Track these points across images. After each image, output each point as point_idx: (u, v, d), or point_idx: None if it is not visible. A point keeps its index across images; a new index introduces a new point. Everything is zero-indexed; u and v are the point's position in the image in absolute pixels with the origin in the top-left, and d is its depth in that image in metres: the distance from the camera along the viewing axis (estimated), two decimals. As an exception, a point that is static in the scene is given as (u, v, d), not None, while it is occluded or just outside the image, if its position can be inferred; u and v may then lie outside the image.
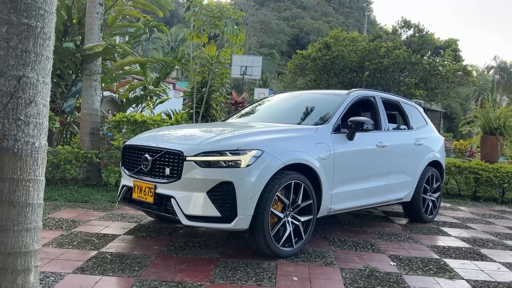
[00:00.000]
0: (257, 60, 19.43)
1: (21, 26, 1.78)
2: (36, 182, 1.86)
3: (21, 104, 1.78)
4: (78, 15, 6.94)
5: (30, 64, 1.79)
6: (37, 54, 1.81)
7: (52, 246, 3.68)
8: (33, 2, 1.78)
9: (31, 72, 1.80)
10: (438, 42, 17.81)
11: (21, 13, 1.77)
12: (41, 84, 1.84)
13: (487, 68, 34.82)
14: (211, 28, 8.72)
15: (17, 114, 1.78)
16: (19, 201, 1.80)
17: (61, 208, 5.10)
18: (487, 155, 9.39)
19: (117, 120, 6.42)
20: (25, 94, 1.79)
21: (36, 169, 1.85)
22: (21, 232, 1.81)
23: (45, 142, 1.92)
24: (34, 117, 1.82)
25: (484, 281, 3.49)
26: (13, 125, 1.77)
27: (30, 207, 1.83)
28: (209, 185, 3.42)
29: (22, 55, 1.78)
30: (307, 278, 3.30)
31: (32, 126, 1.81)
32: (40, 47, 1.82)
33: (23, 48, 1.78)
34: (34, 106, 1.81)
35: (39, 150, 1.86)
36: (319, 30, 72.08)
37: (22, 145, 1.80)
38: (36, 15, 1.80)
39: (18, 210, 1.80)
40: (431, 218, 5.72)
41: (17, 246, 1.81)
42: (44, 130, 1.89)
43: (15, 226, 1.79)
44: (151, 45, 41.01)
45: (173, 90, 23.78)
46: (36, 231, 1.87)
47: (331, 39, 17.70)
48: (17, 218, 1.80)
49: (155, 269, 3.29)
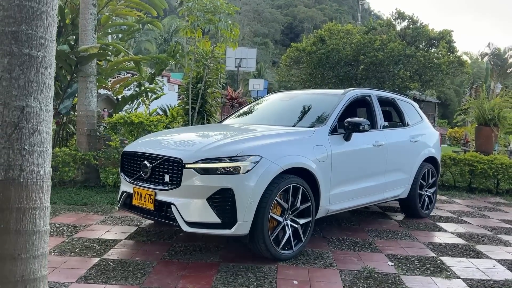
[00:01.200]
0: (251, 52, 19.37)
1: (23, 57, 1.79)
2: (42, 209, 1.89)
3: (25, 134, 1.81)
4: (71, 16, 6.89)
5: (32, 93, 1.81)
6: (39, 83, 1.83)
7: (55, 254, 3.71)
8: (33, 32, 1.79)
9: (34, 101, 1.81)
10: (432, 34, 17.81)
11: (22, 43, 1.78)
12: (44, 112, 1.86)
13: (481, 55, 34.86)
14: (205, 24, 8.70)
15: (21, 144, 1.80)
16: (26, 230, 1.83)
17: (61, 212, 5.13)
18: (481, 146, 9.48)
19: (114, 122, 6.42)
20: (29, 124, 1.81)
21: (41, 196, 1.88)
22: (29, 260, 1.84)
23: (50, 169, 1.94)
24: (38, 145, 1.84)
25: (480, 280, 3.57)
26: (18, 155, 1.79)
27: (37, 235, 1.86)
28: (209, 192, 3.46)
29: (25, 85, 1.80)
30: (307, 281, 3.36)
31: (36, 154, 1.84)
32: (42, 76, 1.83)
33: (26, 78, 1.79)
34: (38, 135, 1.83)
35: (44, 177, 1.89)
36: (313, 18, 71.77)
37: (28, 174, 1.82)
38: (37, 44, 1.81)
39: (26, 238, 1.83)
40: (427, 213, 5.80)
41: (26, 274, 1.84)
42: (48, 157, 1.91)
43: (23, 254, 1.83)
44: (144, 37, 40.71)
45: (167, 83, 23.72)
46: (43, 257, 1.90)
47: (325, 32, 17.66)
48: (25, 246, 1.83)
49: (158, 276, 3.34)
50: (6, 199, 1.79)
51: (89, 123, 6.41)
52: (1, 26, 1.76)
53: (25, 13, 1.79)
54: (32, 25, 1.79)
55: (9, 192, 1.80)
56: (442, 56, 15.87)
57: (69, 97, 7.14)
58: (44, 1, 1.81)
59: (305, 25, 71.66)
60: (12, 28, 1.77)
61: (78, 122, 6.48)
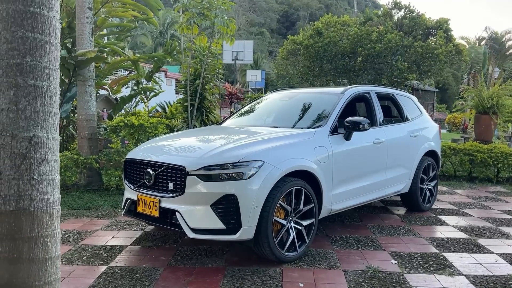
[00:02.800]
0: (248, 44, 19.31)
1: (28, 88, 1.81)
2: (53, 236, 1.92)
3: (33, 164, 1.83)
4: (68, 19, 6.86)
5: (39, 123, 1.83)
6: (45, 112, 1.85)
7: (63, 263, 3.75)
8: (38, 63, 1.80)
9: (40, 131, 1.84)
10: (429, 23, 17.74)
11: (27, 75, 1.79)
12: (51, 141, 1.88)
13: (479, 39, 34.74)
14: (201, 20, 8.66)
15: (30, 174, 1.82)
16: (38, 258, 1.87)
17: (66, 218, 5.17)
18: (481, 134, 9.51)
19: (114, 125, 6.44)
20: (37, 154, 1.83)
21: (52, 223, 1.91)
22: (42, 286, 1.88)
23: (59, 195, 1.97)
24: (46, 174, 1.87)
25: (482, 276, 3.62)
26: (28, 185, 1.82)
27: (49, 261, 1.90)
28: (213, 198, 3.50)
29: (31, 116, 1.82)
30: (312, 283, 3.41)
31: (45, 183, 1.87)
32: (48, 105, 1.85)
33: (32, 109, 1.81)
34: (46, 163, 1.86)
35: (53, 205, 1.92)
36: (308, 5, 71.28)
37: (38, 203, 1.85)
38: (42, 75, 1.83)
39: (38, 266, 1.87)
40: (428, 206, 5.85)
41: (39, 300, 1.88)
42: (57, 185, 1.94)
43: (36, 281, 1.86)
44: (139, 31, 40.48)
45: (165, 78, 23.65)
46: (56, 283, 1.94)
47: (322, 24, 17.58)
48: (38, 273, 1.87)
49: (165, 282, 3.39)
50: (18, 228, 1.82)
51: (90, 126, 6.42)
52: (6, 58, 1.78)
53: (29, 44, 1.81)
54: (36, 56, 1.81)
55: (20, 222, 1.83)
56: (440, 46, 15.84)
57: (68, 101, 7.14)
58: (46, 31, 1.82)
59: (300, 13, 71.23)
60: (16, 60, 1.79)
61: (78, 126, 6.49)
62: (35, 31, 1.81)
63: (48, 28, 1.84)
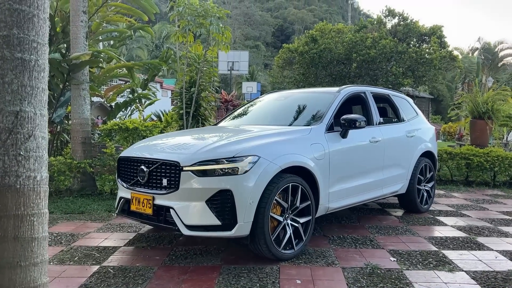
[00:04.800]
0: (243, 54, 19.38)
1: (15, 61, 1.76)
2: (40, 215, 1.86)
3: (20, 140, 1.77)
4: (62, 24, 6.85)
5: (26, 98, 1.77)
6: (32, 87, 1.79)
7: (54, 264, 3.66)
8: (25, 36, 1.76)
9: (28, 106, 1.78)
10: (423, 30, 17.91)
11: (14, 47, 1.75)
12: (39, 117, 1.82)
13: (472, 50, 35.04)
14: (197, 28, 8.67)
15: (16, 149, 1.76)
16: (24, 237, 1.80)
17: (58, 222, 5.08)
18: (477, 139, 9.50)
19: (108, 128, 6.38)
20: (24, 129, 1.78)
21: (39, 202, 1.84)
22: (28, 267, 1.80)
23: (46, 174, 1.91)
24: (34, 151, 1.81)
25: (483, 272, 3.56)
26: (14, 161, 1.76)
27: (35, 242, 1.83)
28: (208, 194, 3.43)
29: (18, 90, 1.76)
30: (310, 280, 3.33)
31: (32, 160, 1.80)
32: (36, 80, 1.80)
33: (19, 82, 1.76)
34: (33, 140, 1.80)
35: (40, 183, 1.86)
36: (303, 19, 71.98)
37: (24, 180, 1.79)
38: (30, 48, 1.78)
39: (24, 246, 1.80)
40: (426, 208, 5.80)
41: (26, 282, 1.80)
42: (45, 163, 1.88)
43: (22, 262, 1.79)
44: (135, 44, 40.61)
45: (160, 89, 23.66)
46: (43, 265, 1.87)
47: (316, 31, 17.70)
48: (24, 253, 1.80)
49: (159, 281, 3.30)
50: (3, 206, 1.75)
51: (84, 130, 6.35)
52: (-9, 30, 1.73)
53: (16, 16, 1.76)
54: (23, 29, 1.76)
55: (5, 199, 1.76)
56: (434, 52, 15.97)
57: (62, 105, 7.08)
58: (35, 4, 1.78)
59: (295, 27, 71.85)
60: (3, 32, 1.74)
61: (72, 130, 6.43)
62: (23, 3, 1.76)
63: (36, 1, 1.80)
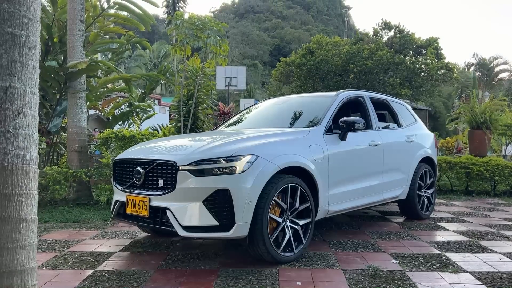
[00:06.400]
0: (241, 70, 19.45)
1: (5, 36, 1.71)
2: (29, 196, 1.78)
3: (9, 116, 1.71)
4: (59, 34, 6.85)
5: (16, 74, 1.72)
6: (23, 63, 1.75)
7: (46, 268, 3.55)
8: (16, 11, 1.72)
9: (17, 82, 1.73)
10: (419, 42, 18.07)
11: (4, 22, 1.70)
12: (29, 94, 1.77)
13: (467, 65, 35.37)
14: (194, 41, 8.69)
15: (5, 126, 1.70)
16: (12, 217, 1.72)
17: (52, 230, 4.97)
18: (475, 149, 9.45)
19: (105, 137, 6.32)
20: (13, 106, 1.72)
21: (28, 183, 1.77)
22: (15, 250, 1.72)
23: (36, 154, 1.84)
24: (23, 129, 1.74)
25: (488, 272, 3.46)
26: (2, 138, 1.70)
27: (24, 223, 1.75)
28: (205, 194, 3.36)
29: (8, 65, 1.71)
30: (310, 282, 3.23)
31: (21, 138, 1.74)
32: (26, 57, 1.75)
33: (8, 58, 1.71)
34: (23, 117, 1.74)
35: (30, 163, 1.79)
36: (300, 38, 72.76)
37: (12, 158, 1.72)
38: (20, 23, 1.74)
39: (12, 227, 1.72)
40: (427, 214, 5.71)
41: (13, 265, 1.72)
42: (35, 142, 1.82)
43: (9, 243, 1.71)
44: (133, 63, 40.85)
45: (158, 105, 23.69)
46: (31, 248, 1.78)
47: (314, 44, 17.84)
48: (11, 235, 1.72)
49: (155, 283, 3.20)
50: (-11, 184, 1.68)
51: (80, 139, 6.29)
52: (-19, 4, 1.69)
53: (6, -10, 1.72)
54: (14, 3, 1.72)
55: None
56: (430, 63, 16.07)
57: (58, 115, 7.03)
58: (26, -21, 1.75)
59: (292, 46, 72.47)
60: (-7, 6, 1.70)
61: (68, 139, 6.36)
62: (14, -23, 1.73)
63: (28, -23, 1.77)
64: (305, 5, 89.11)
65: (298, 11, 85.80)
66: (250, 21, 79.74)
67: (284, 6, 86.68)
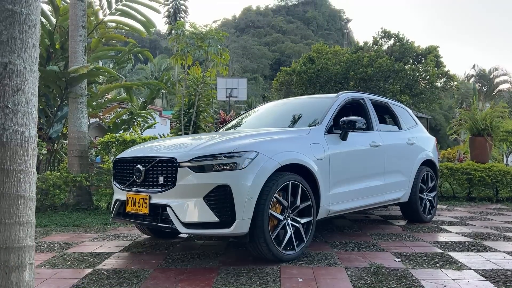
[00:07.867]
0: (241, 81, 19.55)
1: (5, 12, 1.72)
2: (27, 173, 1.77)
3: (8, 92, 1.71)
4: (61, 40, 6.90)
5: (16, 51, 1.73)
6: (23, 41, 1.75)
7: (45, 267, 3.52)
8: (16, -13, 1.73)
9: (17, 59, 1.73)
10: (419, 50, 18.17)
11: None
12: (29, 72, 1.77)
13: (467, 77, 35.47)
14: (195, 49, 8.75)
15: (4, 102, 1.70)
16: (10, 193, 1.70)
17: (52, 233, 4.94)
18: (477, 156, 9.41)
19: (106, 141, 6.31)
20: (12, 82, 1.72)
21: (26, 160, 1.76)
22: (13, 226, 1.70)
23: (35, 132, 1.84)
24: (22, 105, 1.74)
25: (492, 269, 3.42)
26: (1, 113, 1.69)
27: (21, 200, 1.73)
28: (205, 190, 3.34)
29: (8, 41, 1.72)
30: (312, 278, 3.19)
31: (20, 114, 1.74)
32: (26, 34, 1.76)
33: (8, 34, 1.72)
34: (22, 94, 1.74)
35: (29, 140, 1.78)
36: (300, 52, 73.28)
37: (11, 134, 1.71)
38: (21, 1, 1.75)
39: (9, 203, 1.70)
40: (429, 217, 5.67)
41: (10, 241, 1.70)
42: (34, 120, 1.81)
43: (6, 219, 1.69)
44: (135, 76, 41.13)
45: (159, 117, 23.77)
46: (29, 226, 1.76)
47: (314, 52, 17.96)
48: (9, 211, 1.70)
49: (155, 281, 3.16)
50: (-13, 159, 1.67)
51: (80, 144, 6.29)
52: (-20, -20, 1.70)
53: (5, -33, 1.74)
54: (15, -19, 1.74)
55: None
56: (430, 70, 16.14)
57: (59, 120, 7.04)
58: (26, -46, 1.77)
59: (292, 60, 73.00)
60: (-8, -18, 1.72)
61: (69, 144, 6.36)
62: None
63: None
64: (305, 20, 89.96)
65: (298, 26, 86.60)
66: (251, 35, 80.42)
67: (284, 21, 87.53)
